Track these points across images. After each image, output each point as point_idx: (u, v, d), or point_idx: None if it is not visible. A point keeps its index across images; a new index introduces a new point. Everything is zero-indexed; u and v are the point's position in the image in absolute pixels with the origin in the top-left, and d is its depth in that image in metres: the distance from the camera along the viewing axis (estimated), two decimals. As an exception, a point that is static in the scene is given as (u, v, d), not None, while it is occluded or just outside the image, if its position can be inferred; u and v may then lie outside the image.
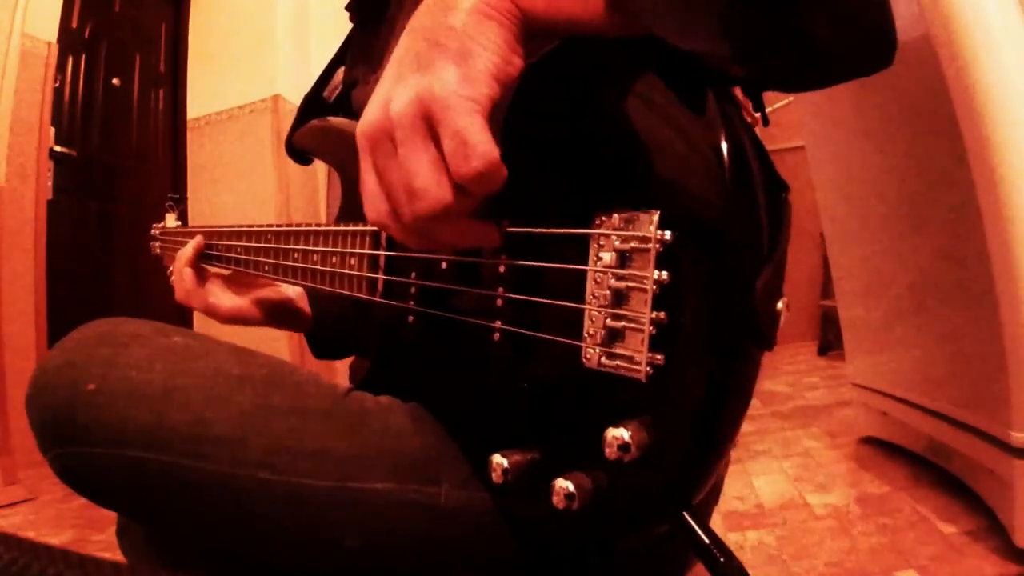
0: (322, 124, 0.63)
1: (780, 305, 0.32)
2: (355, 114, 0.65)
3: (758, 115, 0.43)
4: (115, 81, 2.68)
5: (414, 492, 0.43)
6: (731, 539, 1.20)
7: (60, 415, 0.42)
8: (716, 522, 1.27)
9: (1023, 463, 0.98)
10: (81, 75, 2.55)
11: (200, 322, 2.57)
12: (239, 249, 0.70)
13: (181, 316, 2.64)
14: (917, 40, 1.04)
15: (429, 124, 0.32)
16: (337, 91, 0.69)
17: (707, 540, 0.33)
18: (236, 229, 0.70)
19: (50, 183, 2.30)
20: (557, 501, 0.33)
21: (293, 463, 0.42)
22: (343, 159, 0.61)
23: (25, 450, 1.81)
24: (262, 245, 0.65)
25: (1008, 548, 0.99)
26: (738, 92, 0.38)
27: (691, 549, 0.33)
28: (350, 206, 0.58)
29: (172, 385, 0.43)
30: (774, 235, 0.32)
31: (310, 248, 0.58)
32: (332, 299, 0.74)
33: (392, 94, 0.33)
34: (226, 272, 0.74)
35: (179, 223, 0.93)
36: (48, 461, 0.43)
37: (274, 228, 0.64)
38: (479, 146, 0.30)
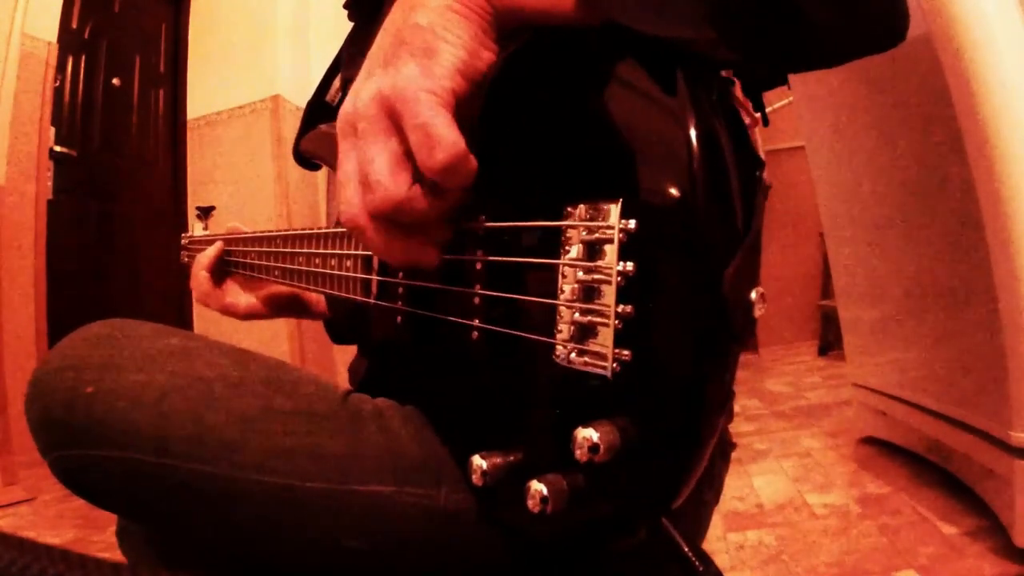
0: (326, 130, 0.63)
1: (754, 295, 0.31)
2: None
3: (758, 115, 0.43)
4: (115, 81, 2.68)
5: (414, 494, 0.43)
6: (731, 539, 1.20)
7: (59, 418, 0.42)
8: (716, 522, 1.27)
9: (1023, 463, 0.98)
10: (81, 75, 2.55)
11: (200, 323, 2.57)
12: (253, 255, 0.71)
13: (180, 317, 2.65)
14: (917, 39, 1.04)
15: (392, 118, 0.32)
16: (340, 95, 0.70)
17: (685, 547, 0.31)
18: (252, 235, 0.72)
19: (50, 183, 2.30)
20: (532, 505, 0.31)
21: (292, 465, 0.42)
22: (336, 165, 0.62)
23: (25, 450, 1.81)
24: (272, 250, 0.66)
25: (1008, 548, 0.99)
26: (738, 92, 0.38)
27: (670, 556, 0.32)
28: None
29: (171, 387, 0.43)
30: (747, 220, 0.31)
31: (312, 251, 0.58)
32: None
33: (360, 91, 0.33)
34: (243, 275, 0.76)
35: (207, 232, 0.95)
36: (47, 463, 0.43)
37: (282, 233, 0.64)
38: (444, 138, 0.30)
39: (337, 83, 0.70)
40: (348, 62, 0.70)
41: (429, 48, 0.32)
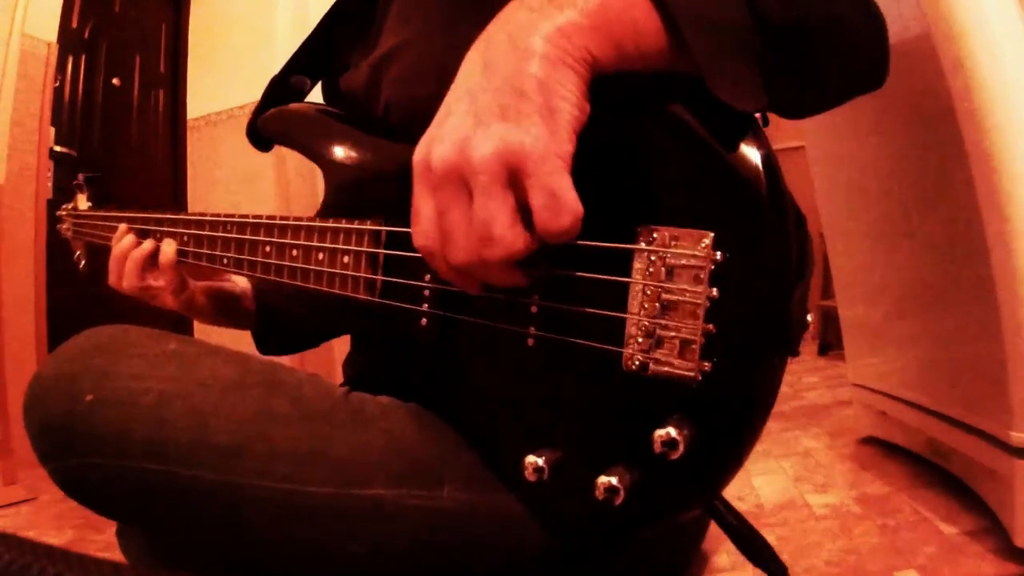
0: (297, 111, 0.60)
1: (809, 317, 0.36)
2: (343, 97, 0.65)
3: (758, 115, 0.43)
4: (115, 81, 2.68)
5: (416, 496, 0.43)
6: (731, 539, 1.20)
7: (58, 427, 0.42)
8: (716, 522, 1.27)
9: (1023, 463, 0.98)
10: (81, 75, 2.54)
11: (200, 327, 2.57)
12: (185, 238, 0.65)
13: (180, 320, 2.64)
14: (917, 39, 1.04)
15: (512, 175, 0.32)
16: (364, 77, 0.67)
17: (735, 522, 0.38)
18: (179, 217, 0.65)
19: (50, 183, 2.30)
20: (599, 494, 0.35)
21: (293, 470, 0.42)
22: (324, 152, 0.58)
23: (25, 450, 1.80)
24: (219, 235, 0.61)
25: (1008, 548, 0.99)
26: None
27: (724, 529, 0.38)
28: (336, 200, 0.56)
29: (170, 394, 0.42)
30: (800, 250, 0.35)
31: (288, 242, 0.55)
32: (279, 295, 0.70)
33: (473, 138, 0.32)
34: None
35: (90, 204, 0.88)
36: (47, 471, 0.43)
37: (235, 219, 0.60)
38: (569, 204, 0.32)
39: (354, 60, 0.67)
40: (344, 44, 0.67)
41: (552, 106, 0.32)
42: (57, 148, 2.34)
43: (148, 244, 0.69)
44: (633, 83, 0.37)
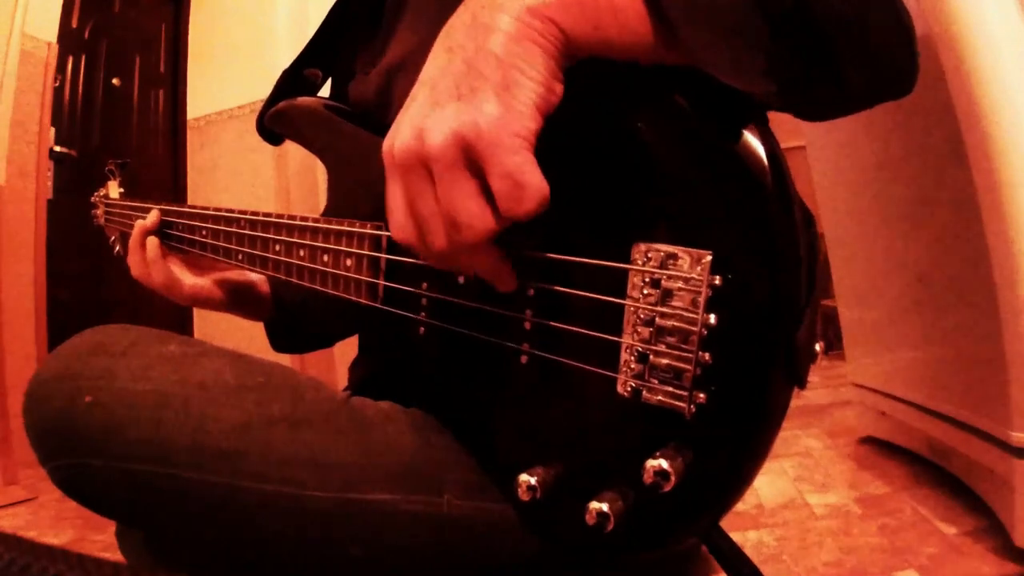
0: (307, 106, 0.60)
1: (818, 348, 0.33)
2: (352, 106, 0.64)
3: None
4: (115, 81, 2.68)
5: (416, 502, 0.43)
6: (731, 539, 1.20)
7: (58, 428, 0.42)
8: (716, 522, 1.27)
9: (1023, 463, 0.98)
10: (81, 75, 2.54)
11: (200, 327, 2.57)
12: (204, 232, 0.66)
13: (181, 318, 2.64)
14: (917, 39, 1.04)
15: (471, 159, 0.30)
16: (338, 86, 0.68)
17: (730, 554, 0.36)
18: (200, 211, 0.66)
19: (50, 183, 2.30)
20: (589, 519, 0.33)
21: (293, 474, 0.42)
22: (330, 150, 0.58)
23: (25, 450, 1.80)
24: (234, 231, 0.62)
25: (1008, 548, 0.99)
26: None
27: (715, 557, 0.35)
28: (340, 200, 0.56)
29: (170, 396, 0.42)
30: (810, 278, 0.32)
31: (295, 241, 0.55)
32: (294, 291, 0.69)
33: (428, 122, 0.31)
34: (185, 251, 0.70)
35: (122, 191, 0.87)
36: (47, 471, 0.43)
37: (248, 216, 0.60)
38: (532, 186, 0.30)
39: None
40: (348, 45, 0.67)
41: (510, 82, 0.30)
42: (57, 148, 2.34)
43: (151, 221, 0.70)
44: (628, 71, 0.35)
